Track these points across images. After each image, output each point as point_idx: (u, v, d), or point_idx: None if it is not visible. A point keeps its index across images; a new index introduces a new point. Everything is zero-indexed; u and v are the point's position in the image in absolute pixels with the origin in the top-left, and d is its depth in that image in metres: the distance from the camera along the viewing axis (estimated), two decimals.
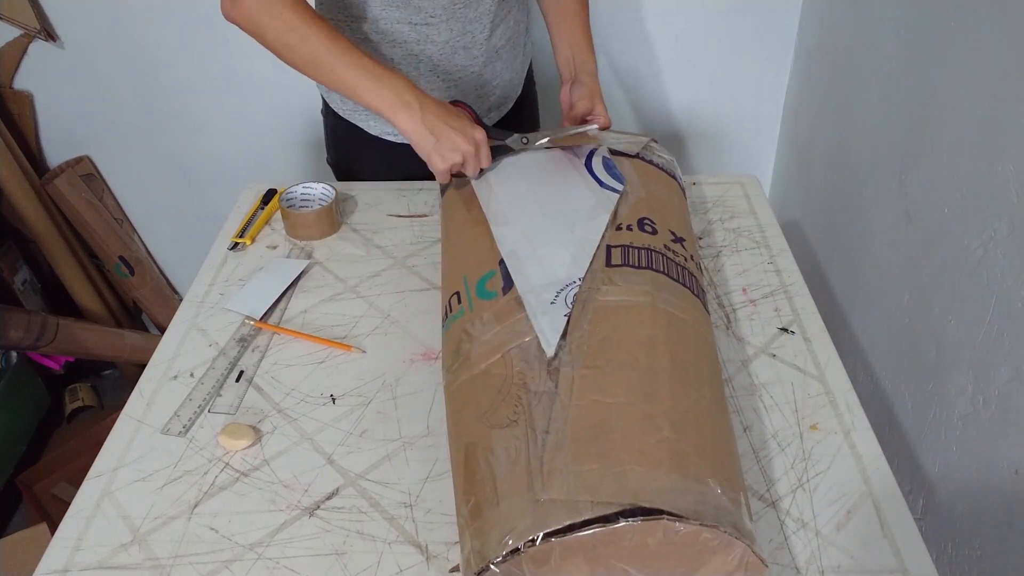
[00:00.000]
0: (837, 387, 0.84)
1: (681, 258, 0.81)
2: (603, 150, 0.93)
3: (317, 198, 1.11)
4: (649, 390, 0.66)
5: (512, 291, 0.75)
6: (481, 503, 0.62)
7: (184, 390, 0.86)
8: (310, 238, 1.08)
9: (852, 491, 0.74)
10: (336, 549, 0.70)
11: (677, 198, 0.93)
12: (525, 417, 0.65)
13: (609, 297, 0.73)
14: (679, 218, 0.88)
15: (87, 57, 1.65)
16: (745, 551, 0.60)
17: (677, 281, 0.77)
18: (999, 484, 0.94)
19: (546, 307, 0.72)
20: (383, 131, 1.15)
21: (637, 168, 0.91)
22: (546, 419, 0.64)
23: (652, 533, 0.58)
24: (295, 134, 1.75)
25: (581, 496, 0.59)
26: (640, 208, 0.84)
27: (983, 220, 0.96)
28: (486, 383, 0.70)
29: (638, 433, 0.63)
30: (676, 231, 0.84)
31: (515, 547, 0.58)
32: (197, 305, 0.98)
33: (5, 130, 1.68)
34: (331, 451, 0.79)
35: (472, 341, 0.74)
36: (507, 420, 0.66)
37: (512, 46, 1.12)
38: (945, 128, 1.05)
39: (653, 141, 0.98)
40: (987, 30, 0.95)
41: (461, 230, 0.89)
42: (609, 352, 0.69)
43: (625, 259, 0.77)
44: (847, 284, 1.40)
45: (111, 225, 1.83)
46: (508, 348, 0.71)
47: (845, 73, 1.40)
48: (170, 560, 0.69)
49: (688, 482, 0.60)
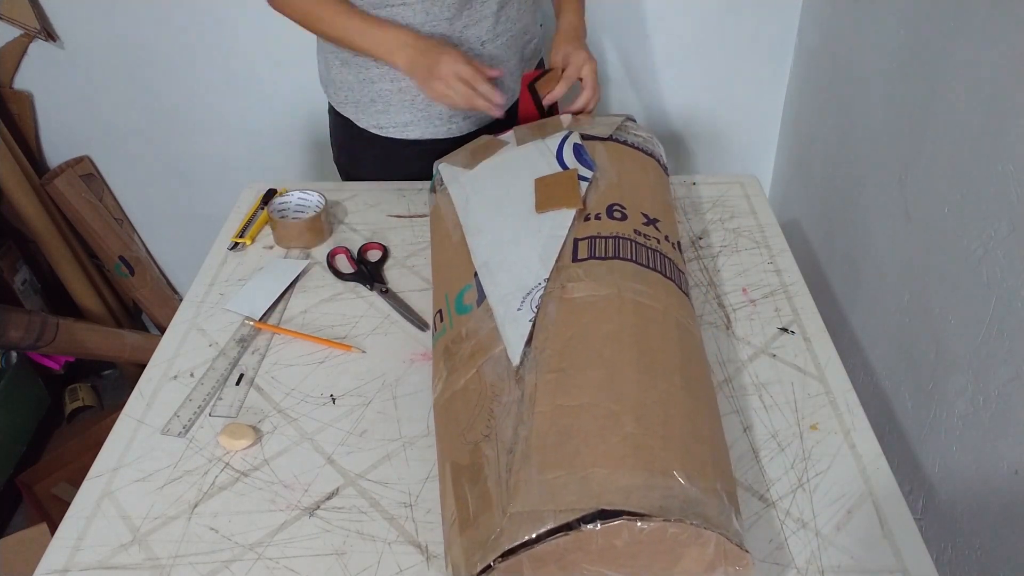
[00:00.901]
0: (837, 387, 0.84)
1: (653, 240, 0.78)
2: (575, 136, 0.91)
3: (313, 205, 1.10)
4: (614, 386, 0.65)
5: (484, 303, 0.75)
6: (461, 520, 0.62)
7: (184, 390, 0.86)
8: (298, 246, 1.07)
9: (852, 491, 0.73)
10: (336, 549, 0.70)
11: (654, 176, 0.90)
12: (495, 430, 0.65)
13: (575, 294, 0.72)
14: (653, 198, 0.86)
15: (87, 57, 1.65)
16: (720, 540, 0.59)
17: (647, 267, 0.75)
18: (999, 484, 0.94)
19: (513, 314, 0.71)
20: (371, 124, 1.15)
21: (610, 150, 0.89)
22: (513, 429, 0.64)
23: (617, 535, 0.58)
24: (295, 134, 1.75)
25: (545, 506, 0.58)
26: (611, 193, 0.82)
27: (983, 220, 0.96)
28: (465, 399, 0.70)
29: (601, 433, 0.62)
30: (649, 213, 0.82)
31: (486, 564, 0.57)
32: (197, 305, 0.98)
33: (5, 130, 1.67)
34: (331, 451, 0.79)
35: (452, 358, 0.74)
36: (481, 435, 0.65)
37: (505, 43, 1.12)
38: (945, 128, 1.05)
39: (629, 119, 0.96)
40: (987, 30, 0.95)
41: (442, 244, 0.89)
42: (573, 353, 0.68)
43: (592, 251, 0.75)
44: (847, 284, 1.40)
45: (111, 225, 1.83)
46: (481, 362, 0.70)
47: (845, 73, 1.40)
48: (170, 560, 0.69)
49: (653, 478, 0.59)
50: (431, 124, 1.13)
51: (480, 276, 0.77)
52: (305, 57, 1.26)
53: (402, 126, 1.13)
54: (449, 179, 0.94)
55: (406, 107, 1.11)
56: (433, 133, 1.14)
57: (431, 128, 1.14)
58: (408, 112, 1.12)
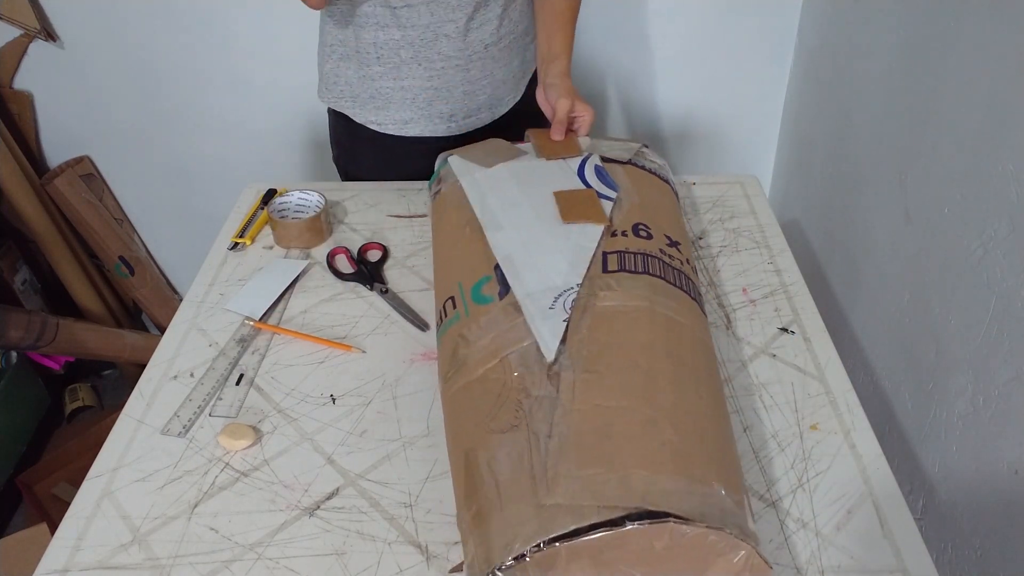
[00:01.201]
0: (837, 387, 0.84)
1: (677, 262, 0.81)
2: (595, 158, 0.93)
3: (313, 205, 1.10)
4: (650, 393, 0.66)
5: (509, 295, 0.75)
6: (484, 509, 0.62)
7: (184, 390, 0.86)
8: (298, 246, 1.07)
9: (852, 491, 0.74)
10: (336, 549, 0.70)
11: (670, 202, 0.93)
12: (526, 421, 0.65)
13: (607, 303, 0.73)
14: (673, 222, 0.89)
15: (87, 57, 1.65)
16: (750, 553, 0.60)
17: (674, 285, 0.77)
18: (999, 484, 0.94)
19: (545, 312, 0.72)
20: (369, 120, 1.15)
21: (630, 174, 0.92)
22: (548, 423, 0.64)
23: (659, 536, 0.58)
24: (295, 134, 1.75)
25: (586, 500, 0.59)
26: (634, 214, 0.84)
27: (983, 220, 0.96)
28: (484, 388, 0.70)
29: (641, 437, 0.63)
30: (671, 235, 0.84)
31: (520, 552, 0.58)
32: (197, 305, 0.98)
33: (5, 130, 1.68)
34: (331, 451, 0.79)
35: (469, 346, 0.74)
36: (508, 425, 0.66)
37: (508, 46, 1.12)
38: (945, 128, 1.05)
39: (644, 147, 0.99)
40: (987, 30, 0.95)
41: (453, 235, 0.89)
42: (609, 356, 0.69)
43: (621, 265, 0.77)
44: (847, 284, 1.40)
45: (111, 225, 1.83)
46: (506, 353, 0.71)
47: (845, 73, 1.40)
48: (170, 560, 0.69)
49: (693, 484, 0.60)
50: (430, 122, 1.13)
51: (504, 269, 0.78)
52: (305, 57, 1.26)
53: (401, 123, 1.13)
54: (462, 172, 0.94)
55: (407, 105, 1.11)
56: (432, 131, 1.14)
57: (430, 126, 1.14)
58: (408, 110, 1.12)
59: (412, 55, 1.07)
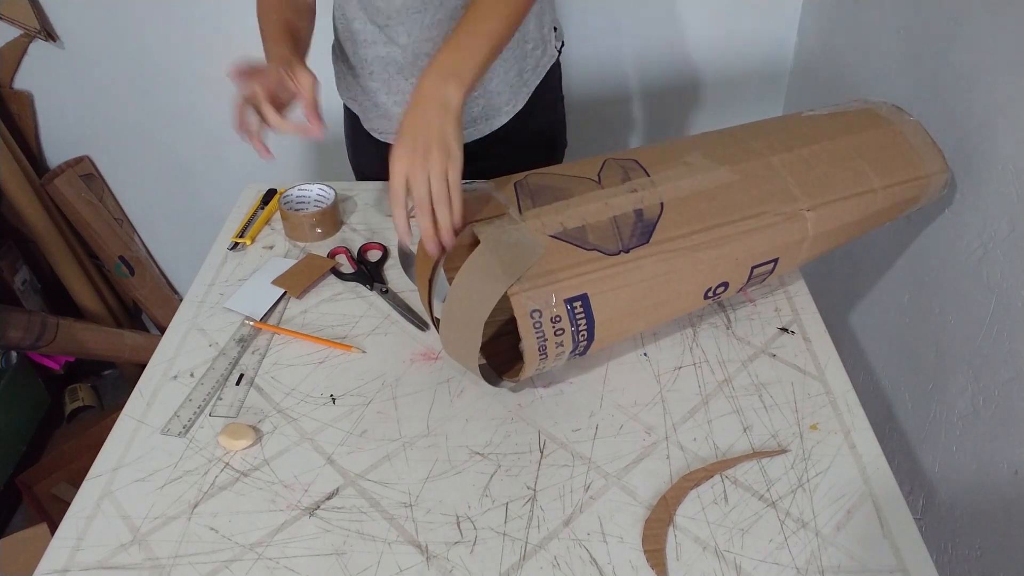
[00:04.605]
0: (837, 387, 0.85)
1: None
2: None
3: (313, 199, 1.11)
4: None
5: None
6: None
7: (184, 390, 0.86)
8: (312, 239, 1.08)
9: (852, 491, 0.74)
10: (336, 549, 0.70)
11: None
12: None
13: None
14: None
15: (87, 57, 1.65)
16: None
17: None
18: (999, 484, 0.94)
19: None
20: (372, 128, 1.16)
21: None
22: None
23: None
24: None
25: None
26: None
27: (983, 220, 0.96)
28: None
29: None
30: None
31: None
32: (197, 305, 0.98)
33: (5, 130, 1.68)
34: (331, 451, 0.79)
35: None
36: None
37: (502, 57, 1.10)
38: (944, 128, 1.05)
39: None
40: (987, 30, 0.95)
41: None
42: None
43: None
44: (847, 284, 1.40)
45: (111, 225, 1.83)
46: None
47: (845, 73, 1.40)
48: (170, 560, 0.69)
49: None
50: None
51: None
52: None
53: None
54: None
55: None
56: None
57: None
58: None
59: (398, 70, 1.08)
